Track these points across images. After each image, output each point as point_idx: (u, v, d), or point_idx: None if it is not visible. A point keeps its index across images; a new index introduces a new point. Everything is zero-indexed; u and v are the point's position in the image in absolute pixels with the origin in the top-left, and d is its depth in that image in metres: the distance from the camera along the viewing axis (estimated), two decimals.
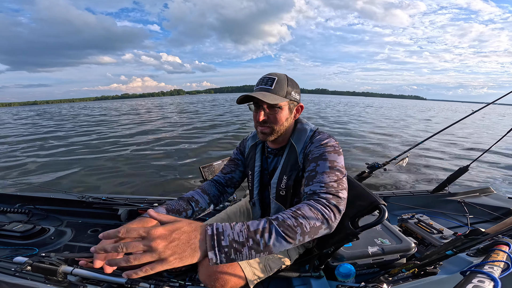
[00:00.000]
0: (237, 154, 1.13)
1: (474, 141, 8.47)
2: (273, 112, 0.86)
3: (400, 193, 2.04)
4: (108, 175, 4.54)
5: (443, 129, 2.03)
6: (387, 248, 1.14)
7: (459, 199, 1.96)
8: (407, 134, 9.66)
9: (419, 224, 1.49)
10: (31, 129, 12.49)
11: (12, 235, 1.57)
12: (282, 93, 0.86)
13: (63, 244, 1.61)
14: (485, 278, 0.55)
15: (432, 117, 20.44)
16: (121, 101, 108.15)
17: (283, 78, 0.87)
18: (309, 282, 1.00)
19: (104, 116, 18.31)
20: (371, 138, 8.23)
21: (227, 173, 1.10)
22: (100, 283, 0.95)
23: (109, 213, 1.84)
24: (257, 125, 0.91)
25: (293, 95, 0.89)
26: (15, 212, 1.87)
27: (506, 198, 1.97)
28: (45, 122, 15.91)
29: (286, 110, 0.89)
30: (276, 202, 0.98)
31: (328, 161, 0.78)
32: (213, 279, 0.86)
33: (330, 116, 16.59)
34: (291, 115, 0.92)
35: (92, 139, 8.36)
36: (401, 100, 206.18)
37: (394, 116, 18.57)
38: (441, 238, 1.34)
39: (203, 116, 15.86)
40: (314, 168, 0.79)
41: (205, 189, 1.01)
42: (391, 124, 12.81)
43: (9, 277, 0.94)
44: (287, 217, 0.61)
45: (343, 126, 11.33)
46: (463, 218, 1.81)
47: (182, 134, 8.83)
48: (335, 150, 0.82)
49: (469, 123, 14.48)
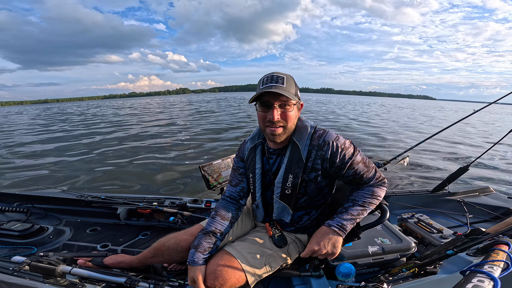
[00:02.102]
0: (238, 162, 1.12)
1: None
2: (286, 110, 0.87)
3: (400, 193, 2.04)
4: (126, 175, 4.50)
5: (443, 129, 2.03)
6: (387, 247, 1.14)
7: (459, 198, 1.96)
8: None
9: (419, 224, 1.49)
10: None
11: (11, 234, 1.56)
12: (293, 91, 0.88)
13: (61, 243, 1.61)
14: (485, 277, 0.54)
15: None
16: (134, 99, 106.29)
17: (290, 77, 0.90)
18: (309, 282, 1.00)
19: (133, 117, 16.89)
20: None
21: (236, 185, 1.10)
22: (99, 282, 0.95)
23: (108, 212, 1.83)
24: (268, 126, 0.89)
25: (298, 94, 0.92)
26: (14, 211, 1.86)
27: (506, 198, 1.97)
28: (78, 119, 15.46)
29: (295, 108, 0.91)
30: (280, 202, 0.98)
31: (360, 162, 0.90)
32: (212, 278, 0.86)
33: (352, 115, 15.77)
34: (298, 114, 0.95)
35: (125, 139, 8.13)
36: (415, 100, 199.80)
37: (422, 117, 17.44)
38: (441, 237, 1.34)
39: (221, 115, 15.42)
40: (356, 171, 0.90)
41: (224, 215, 1.02)
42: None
43: (7, 277, 0.93)
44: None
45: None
46: (462, 217, 1.81)
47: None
48: (353, 147, 0.91)
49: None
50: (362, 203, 0.90)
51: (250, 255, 0.94)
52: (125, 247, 1.58)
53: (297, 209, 1.01)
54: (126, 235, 1.71)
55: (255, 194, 1.05)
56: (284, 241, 1.02)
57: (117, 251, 1.54)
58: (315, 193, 0.97)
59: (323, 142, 0.89)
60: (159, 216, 1.80)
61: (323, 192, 1.00)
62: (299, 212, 1.02)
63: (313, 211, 1.03)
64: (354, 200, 0.92)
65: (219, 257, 0.92)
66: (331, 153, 0.88)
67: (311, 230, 1.07)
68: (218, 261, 0.90)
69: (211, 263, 0.91)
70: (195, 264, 0.89)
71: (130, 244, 1.61)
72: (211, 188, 1.68)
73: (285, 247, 1.02)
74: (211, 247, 0.94)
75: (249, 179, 1.07)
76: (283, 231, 1.07)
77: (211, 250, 0.94)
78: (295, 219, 1.03)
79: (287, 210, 0.99)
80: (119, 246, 1.59)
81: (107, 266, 1.13)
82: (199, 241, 0.94)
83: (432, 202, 2.00)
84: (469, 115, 1.91)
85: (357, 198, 0.92)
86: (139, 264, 1.13)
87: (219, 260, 0.90)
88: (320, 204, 1.03)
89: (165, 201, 1.85)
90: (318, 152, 0.89)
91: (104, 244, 1.59)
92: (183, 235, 1.06)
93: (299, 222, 1.04)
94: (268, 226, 1.06)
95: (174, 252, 1.04)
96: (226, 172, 1.77)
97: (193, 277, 0.87)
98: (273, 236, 1.02)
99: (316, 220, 1.06)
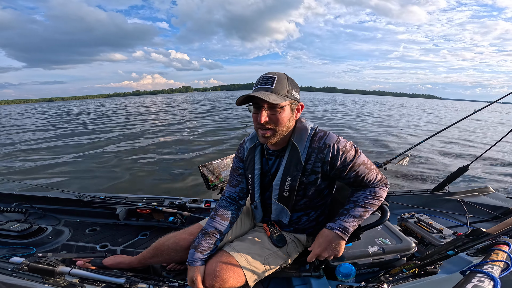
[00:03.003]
0: (238, 163, 1.11)
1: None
2: (275, 113, 0.84)
3: (400, 192, 2.04)
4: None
5: (443, 129, 2.03)
6: (387, 247, 1.14)
7: (459, 198, 1.96)
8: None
9: (419, 224, 1.49)
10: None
11: (9, 235, 1.55)
12: (283, 92, 0.83)
13: (60, 244, 1.60)
14: (485, 277, 0.54)
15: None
16: (138, 98, 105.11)
17: (283, 77, 0.85)
18: (309, 282, 1.00)
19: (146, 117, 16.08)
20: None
21: (236, 186, 1.09)
22: (98, 283, 0.94)
23: (107, 212, 1.83)
24: (258, 128, 0.88)
25: (294, 95, 0.87)
26: (12, 211, 1.85)
27: (505, 198, 1.97)
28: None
29: (288, 110, 0.86)
30: (278, 203, 0.98)
31: (361, 164, 0.89)
32: (211, 278, 0.86)
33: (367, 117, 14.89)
34: (293, 115, 0.90)
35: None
36: (421, 100, 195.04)
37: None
38: (441, 237, 1.34)
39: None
40: (357, 173, 0.89)
41: (223, 215, 1.02)
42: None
43: (6, 277, 0.93)
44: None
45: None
46: (462, 217, 1.81)
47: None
48: (354, 149, 0.89)
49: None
50: (364, 204, 0.90)
51: (250, 255, 0.94)
52: (125, 247, 1.58)
53: (296, 210, 1.01)
54: (126, 235, 1.71)
55: (253, 195, 1.05)
56: (283, 241, 1.02)
57: (117, 251, 1.53)
58: (314, 195, 0.97)
59: (323, 144, 0.87)
60: (159, 216, 1.80)
61: (322, 193, 0.99)
62: (298, 213, 1.02)
63: (312, 212, 1.03)
64: (356, 201, 0.91)
65: (218, 257, 0.92)
66: (331, 155, 0.86)
67: (310, 230, 1.07)
68: (217, 261, 0.90)
69: (210, 263, 0.91)
70: (195, 264, 0.89)
71: (130, 244, 1.60)
72: (211, 188, 1.67)
73: (285, 247, 1.02)
74: (211, 248, 0.94)
75: (248, 179, 1.06)
76: (281, 231, 1.06)
77: (211, 251, 0.94)
78: (294, 220, 1.03)
79: (285, 211, 0.99)
80: (119, 246, 1.58)
81: (106, 267, 1.12)
82: (198, 241, 0.94)
83: (432, 202, 2.00)
84: (470, 114, 1.91)
85: (359, 199, 0.91)
86: (139, 265, 1.13)
87: (218, 260, 0.90)
88: (320, 205, 1.03)
89: (165, 201, 1.84)
90: (319, 155, 0.88)
91: (103, 244, 1.59)
92: (182, 234, 1.06)
93: (298, 223, 1.04)
94: (266, 226, 1.06)
95: (173, 252, 1.04)
96: (225, 172, 1.77)
97: (192, 278, 0.87)
98: (272, 236, 1.02)
99: (315, 221, 1.05)
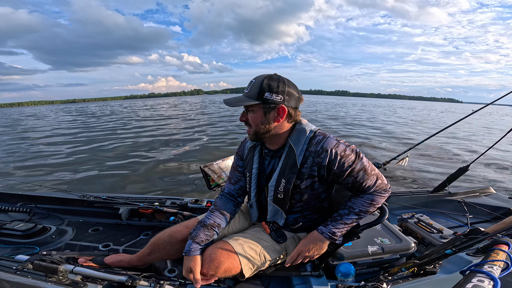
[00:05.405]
0: (238, 161, 1.13)
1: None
2: (247, 114, 0.92)
3: (400, 193, 2.04)
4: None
5: (443, 129, 2.03)
6: (387, 247, 1.14)
7: (459, 199, 1.96)
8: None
9: (419, 224, 1.50)
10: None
11: (14, 234, 1.57)
12: (253, 95, 0.86)
13: (64, 243, 1.62)
14: (485, 277, 0.55)
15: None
16: (154, 100, 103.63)
17: (260, 80, 0.85)
18: (309, 281, 1.01)
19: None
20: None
21: (235, 183, 1.11)
22: (100, 281, 0.95)
23: (110, 212, 1.84)
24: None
25: (269, 97, 0.84)
26: (17, 211, 1.87)
27: (506, 198, 1.96)
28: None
29: (259, 112, 0.87)
30: (274, 205, 0.98)
31: (361, 170, 0.86)
32: (208, 262, 0.89)
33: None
34: (270, 117, 0.87)
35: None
36: (441, 103, 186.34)
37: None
38: (441, 237, 1.34)
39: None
40: (355, 179, 0.87)
41: (222, 210, 1.03)
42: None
43: (10, 276, 0.94)
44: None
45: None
46: (463, 217, 1.81)
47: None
48: (355, 154, 0.86)
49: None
50: (359, 211, 0.91)
51: (246, 243, 0.96)
52: (127, 246, 1.59)
53: (292, 213, 1.00)
54: (128, 235, 1.72)
55: (250, 194, 1.06)
56: (283, 236, 1.02)
57: (119, 251, 1.55)
58: (311, 199, 0.97)
59: (321, 149, 0.85)
60: (160, 216, 1.81)
61: (320, 197, 0.99)
62: (295, 215, 1.01)
63: (309, 215, 1.03)
64: (351, 208, 0.92)
65: (214, 244, 0.94)
66: (328, 160, 0.84)
67: (308, 230, 1.07)
68: (213, 247, 0.92)
69: (206, 250, 0.93)
70: (192, 254, 0.90)
71: (132, 244, 1.62)
72: (212, 188, 1.68)
73: (283, 242, 1.03)
74: (208, 240, 0.95)
75: (246, 178, 1.07)
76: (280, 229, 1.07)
77: (208, 242, 0.95)
78: (290, 221, 1.02)
79: (281, 213, 0.99)
80: (121, 246, 1.60)
81: (107, 265, 1.14)
82: (196, 232, 0.95)
83: (432, 202, 2.00)
84: (467, 115, 1.92)
85: (354, 206, 0.91)
86: (139, 262, 1.14)
87: (215, 246, 0.93)
88: (317, 208, 1.02)
89: (166, 201, 1.86)
90: (315, 159, 0.86)
91: (106, 244, 1.60)
92: (178, 227, 1.06)
93: (295, 225, 1.04)
94: (265, 224, 1.07)
95: (169, 245, 1.03)
96: (227, 173, 1.78)
97: (190, 267, 0.88)
98: (272, 232, 1.03)
99: (312, 222, 1.05)
